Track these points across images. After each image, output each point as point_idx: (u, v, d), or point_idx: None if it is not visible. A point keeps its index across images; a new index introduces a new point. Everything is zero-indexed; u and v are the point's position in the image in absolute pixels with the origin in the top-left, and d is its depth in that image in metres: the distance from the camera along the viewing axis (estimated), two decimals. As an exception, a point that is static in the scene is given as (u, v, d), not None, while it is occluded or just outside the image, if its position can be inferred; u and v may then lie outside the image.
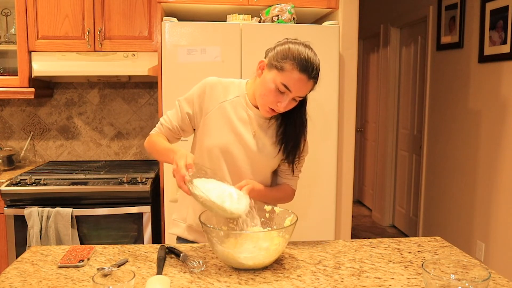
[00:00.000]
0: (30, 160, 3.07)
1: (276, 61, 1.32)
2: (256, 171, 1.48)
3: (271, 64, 1.34)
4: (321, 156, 2.49)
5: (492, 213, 2.97)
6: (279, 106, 1.34)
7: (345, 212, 2.74)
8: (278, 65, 1.31)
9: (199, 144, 1.51)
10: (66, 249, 1.41)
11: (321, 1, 2.59)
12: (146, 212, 2.44)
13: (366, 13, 4.63)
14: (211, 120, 1.45)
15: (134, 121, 3.10)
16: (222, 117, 1.45)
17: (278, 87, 1.31)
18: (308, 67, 1.29)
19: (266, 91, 1.34)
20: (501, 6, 2.80)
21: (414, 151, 4.20)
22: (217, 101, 1.45)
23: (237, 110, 1.46)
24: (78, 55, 2.63)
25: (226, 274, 1.23)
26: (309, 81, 1.31)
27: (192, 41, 2.36)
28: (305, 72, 1.29)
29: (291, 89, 1.31)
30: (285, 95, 1.33)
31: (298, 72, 1.29)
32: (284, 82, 1.30)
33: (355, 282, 1.19)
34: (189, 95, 1.49)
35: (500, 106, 2.89)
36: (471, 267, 1.14)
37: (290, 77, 1.30)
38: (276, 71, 1.32)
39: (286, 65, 1.30)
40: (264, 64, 1.37)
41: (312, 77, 1.31)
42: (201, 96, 1.46)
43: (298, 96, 1.34)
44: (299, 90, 1.32)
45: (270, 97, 1.34)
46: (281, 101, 1.33)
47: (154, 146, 1.48)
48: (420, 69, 4.06)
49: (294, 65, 1.29)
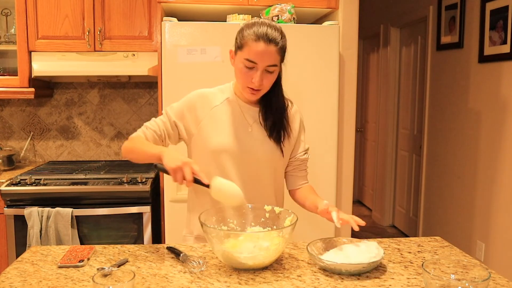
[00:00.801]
0: (30, 160, 3.07)
1: (237, 42, 1.42)
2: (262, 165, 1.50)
3: (235, 48, 1.43)
4: (321, 156, 2.49)
5: (492, 213, 2.97)
6: (254, 82, 1.38)
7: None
8: (239, 45, 1.40)
9: (198, 152, 1.52)
10: (66, 249, 1.41)
11: (321, 1, 2.59)
12: (146, 212, 2.44)
13: (366, 13, 4.63)
14: (209, 125, 1.48)
15: (134, 121, 3.10)
16: (216, 121, 1.48)
17: (245, 64, 1.38)
18: (262, 34, 1.35)
19: (238, 73, 1.41)
20: (501, 6, 2.80)
21: (414, 151, 4.20)
22: (208, 108, 1.49)
23: (230, 111, 1.49)
24: (78, 55, 2.63)
25: (226, 274, 1.23)
26: (269, 46, 1.35)
27: (192, 41, 2.36)
28: (260, 39, 1.35)
29: (255, 60, 1.36)
30: (255, 70, 1.38)
31: (254, 42, 1.35)
32: (247, 57, 1.36)
33: (355, 282, 1.19)
34: (178, 108, 1.51)
35: (500, 106, 2.89)
36: (471, 267, 1.14)
37: (250, 50, 1.36)
38: (240, 51, 1.40)
39: (243, 41, 1.38)
40: (232, 52, 1.46)
41: (270, 41, 1.35)
42: (192, 108, 1.50)
43: (267, 65, 1.37)
44: (263, 59, 1.36)
45: (244, 77, 1.40)
46: (253, 77, 1.38)
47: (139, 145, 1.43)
48: (420, 69, 4.06)
49: (248, 36, 1.36)
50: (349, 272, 1.22)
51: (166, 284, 1.17)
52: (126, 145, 1.47)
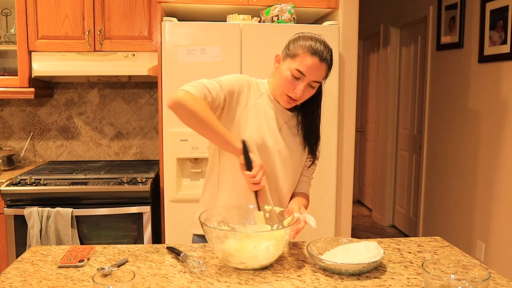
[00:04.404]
0: (30, 160, 3.07)
1: (289, 50, 1.41)
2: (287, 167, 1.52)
3: (284, 54, 1.42)
4: (321, 156, 2.47)
5: (492, 213, 2.97)
6: (296, 93, 1.39)
7: (345, 212, 2.74)
8: (290, 53, 1.40)
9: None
10: (66, 249, 1.41)
11: (321, 1, 2.59)
12: (146, 212, 2.44)
13: (366, 13, 4.63)
14: (250, 114, 1.45)
15: (134, 121, 3.10)
16: (258, 113, 1.47)
17: (293, 73, 1.38)
18: (318, 50, 1.36)
19: (282, 79, 1.41)
20: (501, 6, 2.80)
21: (414, 151, 4.20)
22: (254, 97, 1.49)
23: (266, 106, 1.49)
24: (78, 55, 2.63)
25: (226, 274, 1.23)
26: (322, 64, 1.37)
27: (192, 41, 2.36)
28: (316, 54, 1.36)
29: (305, 73, 1.37)
30: (301, 81, 1.39)
31: (309, 56, 1.36)
32: (298, 68, 1.37)
33: (355, 282, 1.19)
34: (229, 84, 1.42)
35: (500, 106, 2.89)
36: (471, 267, 1.14)
37: (303, 62, 1.36)
38: (290, 59, 1.39)
39: (298, 51, 1.38)
40: (279, 57, 1.45)
41: (323, 59, 1.37)
42: (241, 90, 1.46)
43: (313, 80, 1.39)
44: (313, 73, 1.37)
45: (287, 84, 1.40)
46: (297, 87, 1.39)
47: (212, 119, 1.32)
48: (420, 69, 4.06)
49: (305, 49, 1.36)
50: (349, 272, 1.22)
51: (166, 284, 1.17)
52: (192, 104, 1.30)
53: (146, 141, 3.12)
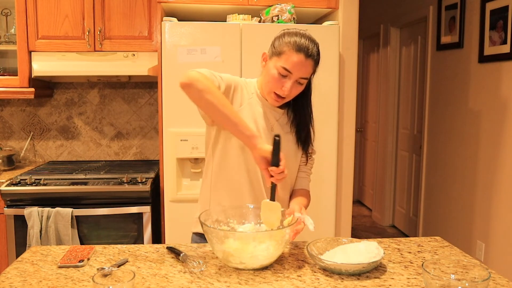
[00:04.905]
0: (30, 160, 3.07)
1: (274, 47, 1.41)
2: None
3: (271, 52, 1.42)
4: (321, 156, 2.49)
5: (492, 213, 2.97)
6: (284, 91, 1.39)
7: (345, 212, 2.74)
8: (276, 51, 1.40)
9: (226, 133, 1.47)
10: (66, 249, 1.41)
11: (321, 1, 2.59)
12: (146, 212, 2.44)
13: (366, 13, 4.63)
14: (243, 115, 1.45)
15: (134, 121, 3.10)
16: (250, 113, 1.47)
17: (280, 71, 1.38)
18: (304, 46, 1.36)
19: (270, 78, 1.41)
20: (501, 6, 2.80)
21: (414, 151, 4.20)
22: (247, 98, 1.49)
23: (258, 105, 1.49)
24: (78, 55, 2.63)
25: (226, 274, 1.23)
26: (308, 60, 1.37)
27: (192, 41, 2.36)
28: (301, 51, 1.35)
29: (291, 70, 1.37)
30: (288, 78, 1.39)
31: (295, 53, 1.36)
32: (284, 65, 1.37)
33: (355, 282, 1.19)
34: (227, 80, 1.44)
35: (500, 106, 2.89)
36: (471, 267, 1.14)
37: (289, 59, 1.36)
38: (276, 57, 1.39)
39: (283, 49, 1.37)
40: (266, 55, 1.45)
41: (309, 55, 1.36)
42: (237, 88, 1.47)
43: (301, 77, 1.38)
44: (299, 70, 1.37)
45: (274, 83, 1.40)
46: (284, 85, 1.38)
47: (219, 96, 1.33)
48: (420, 69, 4.06)
49: (290, 46, 1.36)
50: (349, 272, 1.22)
51: (166, 284, 1.17)
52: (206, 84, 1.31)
53: (146, 141, 3.12)
